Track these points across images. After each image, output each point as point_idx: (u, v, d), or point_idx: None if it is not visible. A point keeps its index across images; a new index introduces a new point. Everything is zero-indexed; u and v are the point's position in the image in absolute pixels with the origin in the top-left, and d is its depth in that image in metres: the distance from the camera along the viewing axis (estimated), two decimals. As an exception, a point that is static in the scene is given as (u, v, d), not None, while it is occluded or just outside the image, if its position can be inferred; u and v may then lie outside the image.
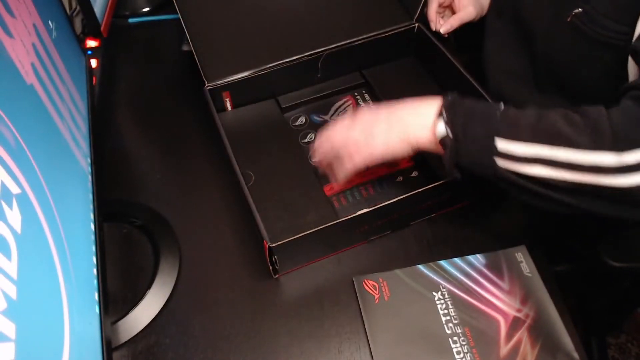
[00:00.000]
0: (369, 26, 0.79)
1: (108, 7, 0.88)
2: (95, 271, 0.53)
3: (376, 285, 0.61)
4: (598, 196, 0.46)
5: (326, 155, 0.60)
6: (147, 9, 1.02)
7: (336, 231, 0.59)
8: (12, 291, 0.33)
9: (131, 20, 1.00)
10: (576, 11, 0.57)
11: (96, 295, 0.51)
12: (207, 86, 0.73)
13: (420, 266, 0.62)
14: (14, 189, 0.37)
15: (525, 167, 0.47)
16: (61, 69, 0.59)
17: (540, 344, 0.56)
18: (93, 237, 0.55)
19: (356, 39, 0.78)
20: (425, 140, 0.53)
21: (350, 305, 0.60)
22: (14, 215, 0.36)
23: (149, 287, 0.62)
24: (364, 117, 0.57)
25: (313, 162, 0.66)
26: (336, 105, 0.79)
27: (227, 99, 0.77)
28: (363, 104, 0.71)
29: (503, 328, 0.57)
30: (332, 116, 0.75)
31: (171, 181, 0.74)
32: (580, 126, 0.46)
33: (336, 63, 0.79)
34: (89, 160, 0.62)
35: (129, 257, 0.65)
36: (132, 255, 0.66)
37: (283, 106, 0.78)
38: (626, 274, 0.78)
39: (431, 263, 0.62)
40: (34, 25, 0.52)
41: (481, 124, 0.50)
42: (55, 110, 0.53)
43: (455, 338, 0.57)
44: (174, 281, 0.63)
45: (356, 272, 0.62)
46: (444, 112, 0.52)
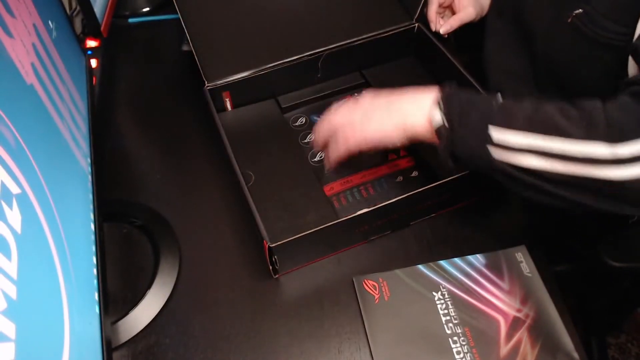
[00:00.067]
0: (369, 26, 0.79)
1: (108, 7, 0.88)
2: (95, 271, 0.53)
3: (376, 285, 0.61)
4: (592, 190, 0.46)
5: (324, 135, 0.61)
6: (147, 9, 1.02)
7: (336, 231, 0.59)
8: (12, 291, 0.33)
9: (131, 20, 1.00)
10: (577, 12, 0.57)
11: (96, 295, 0.51)
12: (207, 86, 0.73)
13: (420, 266, 0.62)
14: (14, 189, 0.37)
15: (519, 158, 0.47)
16: (61, 69, 0.59)
17: (540, 344, 0.56)
18: (93, 237, 0.55)
19: (356, 39, 0.78)
20: (421, 128, 0.54)
21: (350, 305, 0.60)
22: (14, 215, 0.36)
23: (149, 287, 0.62)
24: (365, 102, 0.58)
25: (310, 142, 0.65)
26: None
27: (227, 99, 0.77)
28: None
29: (503, 328, 0.57)
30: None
31: (171, 181, 0.74)
32: (575, 118, 0.46)
33: (336, 63, 0.79)
34: (89, 160, 0.62)
35: (129, 257, 0.65)
36: (132, 255, 0.66)
37: (283, 106, 0.78)
38: (626, 274, 0.78)
39: (431, 263, 0.62)
40: (34, 25, 0.52)
41: (477, 114, 0.50)
42: (55, 110, 0.53)
43: (455, 338, 0.57)
44: (174, 281, 0.63)
45: (356, 272, 0.62)
46: (441, 102, 0.52)
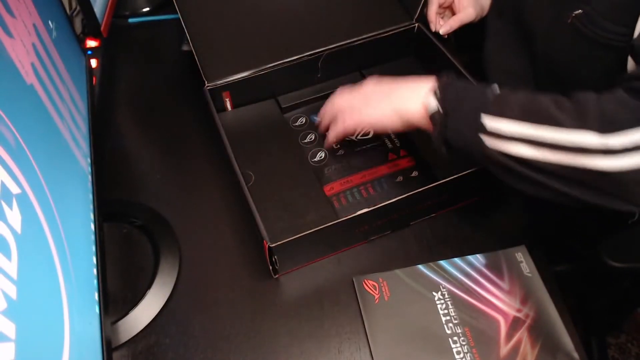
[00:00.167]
0: (369, 26, 0.79)
1: (108, 7, 0.88)
2: (95, 271, 0.53)
3: (376, 285, 0.61)
4: (584, 182, 0.46)
5: (328, 116, 0.66)
6: (147, 9, 1.02)
7: (336, 231, 0.59)
8: (12, 291, 0.33)
9: (131, 20, 1.00)
10: (576, 12, 0.57)
11: (96, 295, 0.51)
12: (207, 86, 0.73)
13: (420, 266, 0.62)
14: (14, 189, 0.37)
15: (510, 146, 0.48)
16: (61, 69, 0.59)
17: (540, 344, 0.56)
18: (93, 237, 0.55)
19: (356, 39, 0.78)
20: (416, 114, 0.56)
21: (350, 305, 0.60)
22: (14, 215, 0.36)
23: (149, 287, 0.62)
24: (367, 86, 0.63)
25: (316, 123, 0.70)
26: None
27: (227, 99, 0.77)
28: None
29: (503, 328, 0.57)
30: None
31: (171, 181, 0.74)
32: (568, 109, 0.46)
33: (336, 63, 0.79)
34: (89, 160, 0.62)
35: (129, 257, 0.65)
36: (132, 255, 0.66)
37: (283, 106, 0.78)
38: (626, 274, 0.78)
39: (431, 263, 0.62)
40: (34, 25, 0.52)
41: (471, 102, 0.51)
42: (55, 110, 0.53)
43: (455, 338, 0.57)
44: (174, 281, 0.63)
45: (356, 272, 0.62)
46: (438, 89, 0.54)
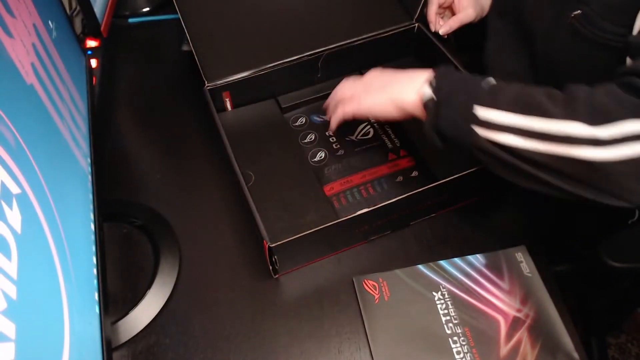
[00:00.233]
0: (369, 26, 0.79)
1: (108, 7, 0.88)
2: (95, 271, 0.53)
3: (376, 285, 0.61)
4: (572, 174, 0.46)
5: (332, 103, 0.68)
6: (147, 9, 1.02)
7: (336, 231, 0.59)
8: (12, 291, 0.33)
9: (131, 20, 1.00)
10: (575, 13, 0.57)
11: (96, 295, 0.51)
12: (207, 86, 0.73)
13: (420, 266, 0.62)
14: (14, 189, 0.37)
15: (501, 136, 0.48)
16: (61, 69, 0.59)
17: (540, 344, 0.56)
18: (93, 237, 0.55)
19: (356, 39, 0.78)
20: (410, 102, 0.57)
21: (350, 305, 0.60)
22: (14, 215, 0.36)
23: (149, 287, 0.62)
24: (371, 76, 0.64)
25: (322, 107, 0.73)
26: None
27: (227, 99, 0.77)
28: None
29: (503, 328, 0.57)
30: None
31: (171, 181, 0.74)
32: (559, 100, 0.47)
33: (336, 63, 0.79)
34: (89, 160, 0.62)
35: (129, 257, 0.65)
36: (132, 255, 0.66)
37: (283, 106, 0.78)
38: (626, 274, 0.78)
39: (431, 263, 0.62)
40: (34, 25, 0.52)
41: (465, 92, 0.51)
42: (55, 110, 0.53)
43: (455, 338, 0.57)
44: (174, 281, 0.63)
45: (356, 272, 0.62)
46: (433, 79, 0.55)
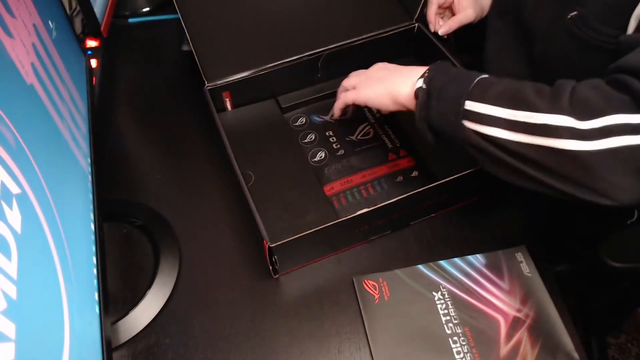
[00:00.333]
0: (369, 26, 0.79)
1: (108, 7, 0.88)
2: (95, 271, 0.53)
3: (376, 285, 0.61)
4: (556, 168, 0.46)
5: (341, 89, 0.71)
6: (147, 9, 1.02)
7: (336, 231, 0.59)
8: (12, 291, 0.33)
9: (131, 20, 1.00)
10: (572, 14, 0.57)
11: (96, 295, 0.51)
12: (207, 86, 0.73)
13: (420, 266, 0.62)
14: (14, 189, 0.37)
15: (488, 129, 0.48)
16: (61, 69, 0.59)
17: (540, 344, 0.56)
18: (93, 237, 0.55)
19: (356, 39, 0.78)
20: (404, 94, 0.58)
21: (350, 305, 0.60)
22: (14, 215, 0.36)
23: (149, 287, 0.62)
24: (374, 68, 0.67)
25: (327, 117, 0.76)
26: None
27: (227, 99, 0.77)
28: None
29: (503, 328, 0.57)
30: (332, 116, 0.75)
31: (171, 181, 0.74)
32: (545, 94, 0.47)
33: (336, 63, 0.79)
34: (89, 160, 0.62)
35: (129, 257, 0.65)
36: (132, 255, 0.66)
37: (283, 106, 0.78)
38: (626, 274, 0.78)
39: (431, 263, 0.62)
40: (34, 25, 0.52)
41: (457, 87, 0.52)
42: (55, 110, 0.53)
43: (455, 338, 0.57)
44: (174, 281, 0.63)
45: (356, 272, 0.62)
46: (428, 72, 0.56)
